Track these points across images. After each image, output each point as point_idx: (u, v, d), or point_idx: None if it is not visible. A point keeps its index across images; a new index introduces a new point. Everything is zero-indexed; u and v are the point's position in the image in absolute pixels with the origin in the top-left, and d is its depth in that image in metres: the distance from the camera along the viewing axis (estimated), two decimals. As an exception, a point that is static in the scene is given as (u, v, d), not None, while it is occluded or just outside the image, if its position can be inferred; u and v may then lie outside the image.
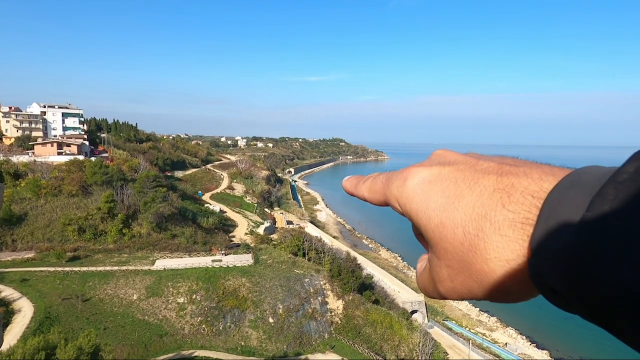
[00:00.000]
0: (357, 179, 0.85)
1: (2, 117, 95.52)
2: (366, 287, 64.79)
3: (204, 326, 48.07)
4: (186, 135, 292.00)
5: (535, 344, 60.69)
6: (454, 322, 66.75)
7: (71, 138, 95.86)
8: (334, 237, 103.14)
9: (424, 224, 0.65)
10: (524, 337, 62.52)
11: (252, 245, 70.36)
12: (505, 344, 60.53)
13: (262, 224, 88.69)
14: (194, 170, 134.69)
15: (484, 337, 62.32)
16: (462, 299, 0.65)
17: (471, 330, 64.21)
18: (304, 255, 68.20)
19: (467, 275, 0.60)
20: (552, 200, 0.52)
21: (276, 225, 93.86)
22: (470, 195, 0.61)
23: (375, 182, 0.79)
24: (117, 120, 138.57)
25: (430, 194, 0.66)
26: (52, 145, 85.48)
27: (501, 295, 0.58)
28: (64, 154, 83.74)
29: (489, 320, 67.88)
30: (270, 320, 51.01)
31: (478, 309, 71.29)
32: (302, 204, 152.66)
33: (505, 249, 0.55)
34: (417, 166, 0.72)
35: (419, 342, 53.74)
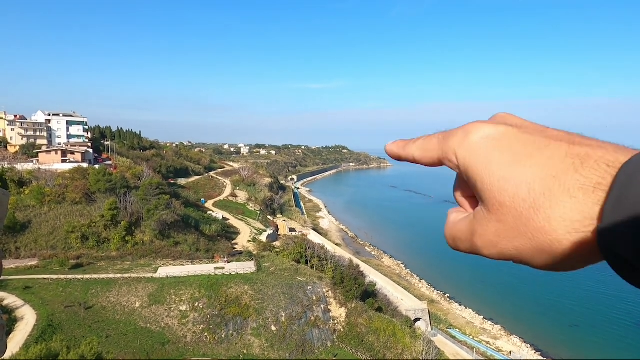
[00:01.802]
0: (405, 141, 0.84)
1: (7, 125, 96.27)
2: (369, 294, 64.52)
3: (206, 334, 47.96)
4: (189, 142, 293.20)
5: (539, 352, 60.14)
6: (457, 330, 66.27)
7: (75, 146, 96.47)
8: (336, 244, 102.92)
9: (482, 176, 0.66)
10: (529, 345, 61.96)
11: (254, 252, 70.33)
12: (510, 352, 60.02)
13: (265, 231, 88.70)
14: (197, 177, 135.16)
15: (488, 345, 61.83)
16: (500, 257, 0.66)
17: (475, 338, 63.72)
18: (306, 262, 68.06)
19: (521, 233, 0.60)
20: (630, 167, 0.52)
21: (279, 233, 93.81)
22: (540, 157, 0.61)
23: (429, 140, 0.78)
24: (121, 128, 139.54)
25: (496, 150, 0.66)
26: (56, 153, 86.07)
27: (553, 257, 0.58)
28: (68, 161, 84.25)
29: (493, 328, 67.34)
30: (273, 328, 50.84)
31: (482, 316, 70.82)
32: (304, 211, 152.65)
33: (573, 210, 0.55)
34: (480, 122, 0.73)
35: (422, 351, 53.39)
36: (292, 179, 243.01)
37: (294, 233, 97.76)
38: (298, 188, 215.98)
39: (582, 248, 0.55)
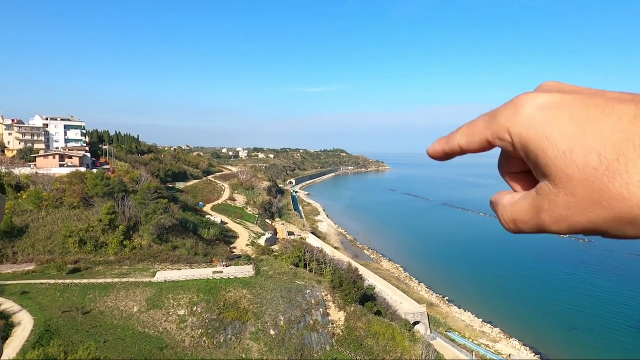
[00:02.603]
0: (446, 137, 0.80)
1: (5, 129, 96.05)
2: (368, 298, 64.41)
3: (204, 338, 47.77)
4: (187, 146, 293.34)
5: (538, 355, 60.09)
6: (456, 333, 66.18)
7: (73, 150, 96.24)
8: (335, 247, 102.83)
9: (544, 150, 0.62)
10: (528, 348, 61.89)
11: (253, 256, 70.17)
12: (509, 355, 59.95)
13: (263, 234, 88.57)
14: (195, 181, 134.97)
15: (487, 348, 61.75)
16: (569, 231, 0.63)
17: (474, 341, 63.64)
18: (305, 266, 67.96)
19: (595, 203, 0.57)
20: None
21: (277, 236, 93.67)
22: (607, 122, 0.58)
23: (474, 124, 0.74)
24: (119, 132, 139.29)
25: (554, 120, 0.62)
26: (53, 157, 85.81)
27: (635, 225, 0.56)
28: (65, 165, 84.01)
29: (492, 331, 67.26)
30: (272, 332, 50.69)
31: (481, 319, 70.76)
32: (303, 214, 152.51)
33: None
34: (529, 93, 0.68)
35: (422, 354, 53.31)
36: (291, 182, 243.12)
37: (292, 236, 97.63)
38: (296, 191, 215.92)
39: None
